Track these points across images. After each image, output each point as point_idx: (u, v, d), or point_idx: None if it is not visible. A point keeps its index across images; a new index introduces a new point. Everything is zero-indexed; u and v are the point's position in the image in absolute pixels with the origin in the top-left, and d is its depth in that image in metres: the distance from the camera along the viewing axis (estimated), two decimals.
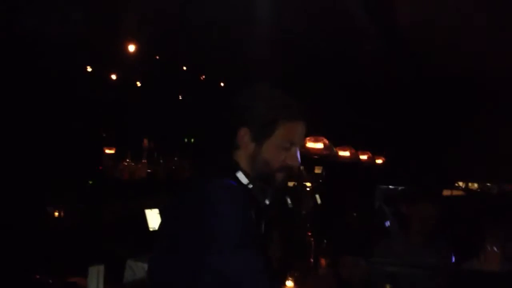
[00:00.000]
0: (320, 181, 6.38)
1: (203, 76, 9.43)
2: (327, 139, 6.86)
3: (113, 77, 8.43)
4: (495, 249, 3.31)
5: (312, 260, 4.17)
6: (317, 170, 6.55)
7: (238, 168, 1.71)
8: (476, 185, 11.60)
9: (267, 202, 1.76)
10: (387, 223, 4.78)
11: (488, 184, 11.66)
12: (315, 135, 6.69)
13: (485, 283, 3.13)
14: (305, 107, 1.80)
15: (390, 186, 5.78)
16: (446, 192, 7.55)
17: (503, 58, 6.98)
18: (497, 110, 9.42)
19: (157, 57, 8.43)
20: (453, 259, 3.50)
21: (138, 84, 8.94)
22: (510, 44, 6.48)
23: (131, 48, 7.38)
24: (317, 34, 6.68)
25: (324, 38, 6.83)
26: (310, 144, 6.51)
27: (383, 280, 3.64)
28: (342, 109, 9.16)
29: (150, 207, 4.41)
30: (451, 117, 10.23)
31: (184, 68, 8.96)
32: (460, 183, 11.15)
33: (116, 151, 6.39)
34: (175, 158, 6.33)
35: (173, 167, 6.15)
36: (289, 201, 4.61)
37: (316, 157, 6.51)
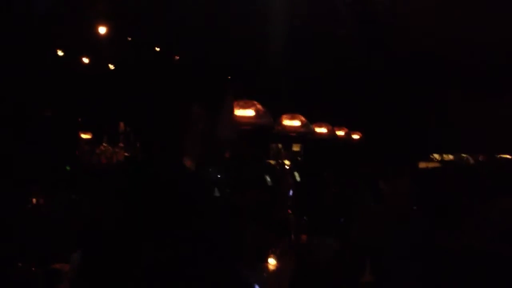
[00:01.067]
0: (299, 158, 6.41)
1: (177, 57, 9.33)
2: (304, 116, 6.88)
3: (85, 60, 8.30)
4: (474, 222, 3.37)
5: (292, 237, 4.22)
6: (295, 147, 6.58)
7: (183, 152, 1.70)
8: (451, 156, 11.75)
9: (213, 182, 1.75)
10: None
11: (463, 155, 11.82)
12: (292, 113, 6.71)
13: (463, 257, 3.19)
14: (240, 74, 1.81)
15: None
16: (422, 165, 7.67)
17: (476, 33, 7.07)
18: (469, 84, 9.56)
19: (129, 39, 8.31)
20: (431, 233, 3.55)
21: (111, 66, 8.82)
22: (482, 20, 6.58)
23: (102, 30, 7.27)
24: (291, 12, 6.67)
25: (297, 14, 6.82)
26: (286, 122, 6.53)
27: (362, 256, 3.70)
28: (318, 86, 9.18)
29: None
30: (426, 91, 10.34)
31: (157, 49, 8.85)
32: (436, 155, 11.30)
33: (92, 136, 6.32)
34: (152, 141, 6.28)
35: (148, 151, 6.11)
36: (268, 179, 4.65)
37: (293, 134, 6.52)
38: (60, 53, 7.65)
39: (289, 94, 7.72)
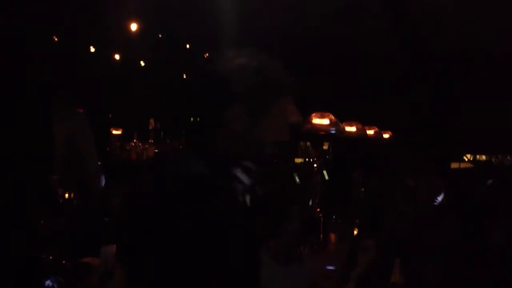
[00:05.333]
0: (327, 157, 6.38)
1: (207, 54, 9.38)
2: (333, 115, 6.83)
3: (117, 57, 8.40)
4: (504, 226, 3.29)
5: (321, 236, 4.20)
6: (324, 146, 6.54)
7: (214, 146, 1.58)
8: (484, 157, 11.52)
9: (248, 182, 1.67)
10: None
11: (499, 156, 11.56)
12: (321, 111, 6.67)
13: (494, 260, 3.12)
14: (294, 79, 1.69)
15: None
16: (454, 165, 7.55)
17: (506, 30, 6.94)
18: (505, 82, 9.36)
19: (160, 36, 8.39)
20: (461, 234, 3.49)
21: (142, 63, 8.91)
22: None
23: (134, 27, 7.34)
24: (317, 9, 6.64)
25: (324, 12, 6.79)
26: (316, 121, 6.49)
27: (392, 254, 3.66)
28: (348, 84, 9.11)
29: None
30: (458, 89, 10.17)
31: (188, 46, 8.91)
32: (468, 156, 11.09)
33: (122, 132, 6.38)
34: (182, 138, 6.35)
35: (180, 147, 6.18)
36: (297, 178, 4.64)
37: (322, 133, 6.50)
38: (92, 49, 7.77)
39: (319, 92, 7.68)
